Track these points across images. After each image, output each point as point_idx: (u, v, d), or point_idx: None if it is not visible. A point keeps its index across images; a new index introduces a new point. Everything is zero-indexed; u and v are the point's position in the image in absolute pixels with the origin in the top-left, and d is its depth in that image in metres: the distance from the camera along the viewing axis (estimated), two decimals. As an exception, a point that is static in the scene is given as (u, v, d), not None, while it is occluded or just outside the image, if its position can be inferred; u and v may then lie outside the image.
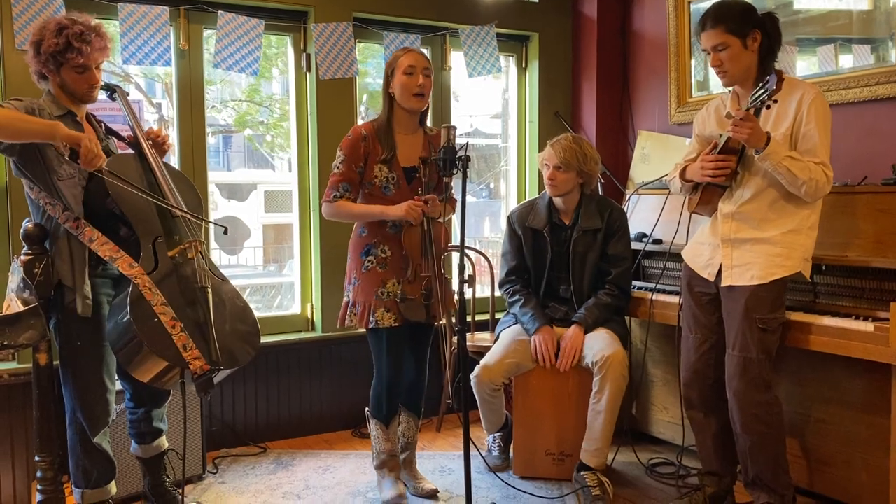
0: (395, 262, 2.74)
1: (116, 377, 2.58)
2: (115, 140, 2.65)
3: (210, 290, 2.43)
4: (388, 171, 2.71)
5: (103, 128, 2.62)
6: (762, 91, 2.31)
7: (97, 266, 2.46)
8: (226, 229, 2.59)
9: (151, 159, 2.54)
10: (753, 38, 2.47)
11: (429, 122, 2.93)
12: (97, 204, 2.42)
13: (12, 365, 3.04)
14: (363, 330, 2.82)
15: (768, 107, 2.37)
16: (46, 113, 2.36)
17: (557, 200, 3.18)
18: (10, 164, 2.46)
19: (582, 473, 2.94)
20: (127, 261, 2.33)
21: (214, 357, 2.32)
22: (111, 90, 2.64)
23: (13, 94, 3.00)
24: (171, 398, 2.78)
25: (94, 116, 2.61)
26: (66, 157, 2.21)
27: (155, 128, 2.68)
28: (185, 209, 2.52)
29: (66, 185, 2.38)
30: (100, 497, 2.55)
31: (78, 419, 2.48)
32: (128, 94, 2.68)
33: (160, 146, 2.65)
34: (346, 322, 2.81)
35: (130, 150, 2.60)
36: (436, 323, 2.84)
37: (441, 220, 2.73)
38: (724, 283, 2.57)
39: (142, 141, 2.57)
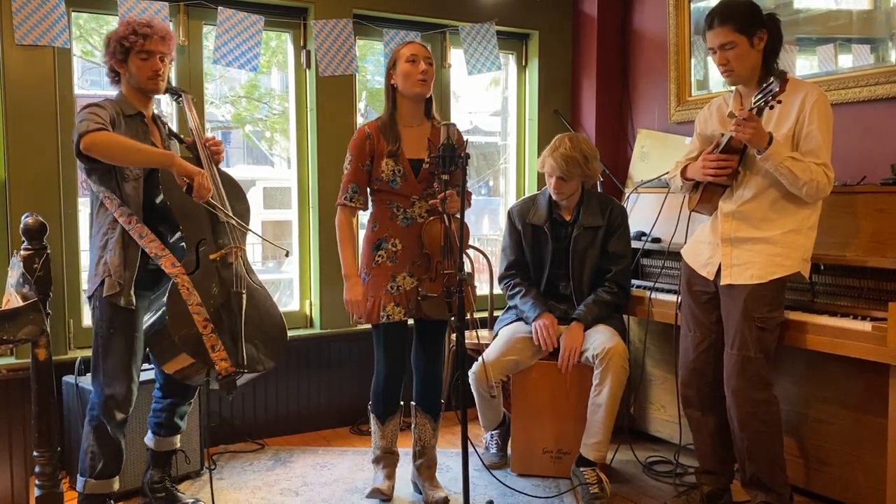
0: (405, 255, 2.73)
1: (152, 366, 2.67)
2: (176, 142, 2.72)
3: (244, 296, 2.53)
4: (395, 165, 2.70)
5: (167, 129, 2.70)
6: (766, 91, 2.31)
7: (140, 262, 2.51)
8: (287, 252, 2.72)
9: (206, 166, 2.59)
10: (760, 38, 2.47)
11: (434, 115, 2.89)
12: (146, 200, 2.52)
13: (10, 360, 3.04)
14: (369, 325, 2.80)
15: (772, 107, 2.37)
16: (120, 114, 2.48)
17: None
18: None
19: (581, 469, 2.94)
20: (170, 259, 2.43)
21: (240, 360, 2.46)
22: (178, 94, 2.71)
23: (11, 88, 3.00)
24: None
25: (160, 118, 2.69)
26: (183, 190, 2.36)
27: (209, 135, 2.72)
28: (234, 216, 2.60)
29: (131, 185, 2.48)
30: (101, 489, 2.56)
31: (96, 406, 2.52)
32: (194, 100, 2.75)
33: (214, 154, 2.68)
34: (357, 318, 2.80)
35: (189, 154, 2.66)
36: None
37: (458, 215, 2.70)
38: (723, 282, 2.58)
39: (200, 147, 2.62)
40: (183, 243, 2.51)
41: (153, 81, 2.53)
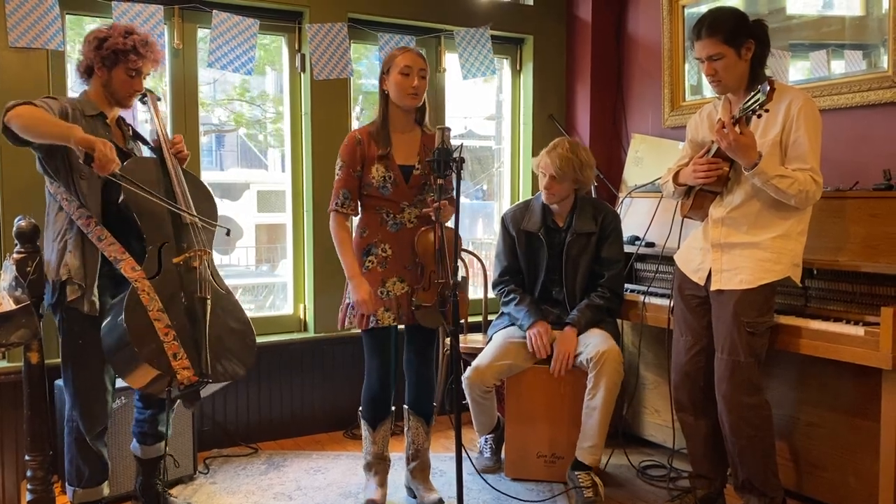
0: (395, 260, 2.72)
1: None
2: (141, 144, 2.68)
3: (209, 302, 2.44)
4: (385, 171, 2.69)
5: (130, 132, 2.66)
6: (754, 101, 2.33)
7: (103, 266, 2.46)
8: (228, 231, 2.59)
9: (171, 166, 2.55)
10: (748, 48, 2.48)
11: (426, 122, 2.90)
12: (110, 204, 2.45)
13: (2, 363, 3.02)
14: (358, 330, 2.79)
15: (759, 115, 2.39)
16: (79, 112, 2.43)
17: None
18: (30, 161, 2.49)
19: (576, 473, 2.95)
20: (130, 263, 2.36)
21: (204, 369, 2.34)
22: (142, 94, 2.66)
23: (4, 90, 2.99)
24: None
25: (123, 120, 2.66)
26: (81, 161, 2.25)
27: (171, 135, 2.68)
28: (196, 214, 2.53)
29: (87, 183, 2.42)
30: (90, 497, 2.55)
31: (75, 418, 2.49)
32: (159, 100, 2.71)
33: (178, 154, 2.64)
34: (346, 323, 2.77)
35: (153, 155, 2.62)
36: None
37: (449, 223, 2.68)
38: (713, 287, 2.59)
39: (164, 147, 2.58)
40: (145, 246, 2.42)
41: (131, 98, 2.53)
